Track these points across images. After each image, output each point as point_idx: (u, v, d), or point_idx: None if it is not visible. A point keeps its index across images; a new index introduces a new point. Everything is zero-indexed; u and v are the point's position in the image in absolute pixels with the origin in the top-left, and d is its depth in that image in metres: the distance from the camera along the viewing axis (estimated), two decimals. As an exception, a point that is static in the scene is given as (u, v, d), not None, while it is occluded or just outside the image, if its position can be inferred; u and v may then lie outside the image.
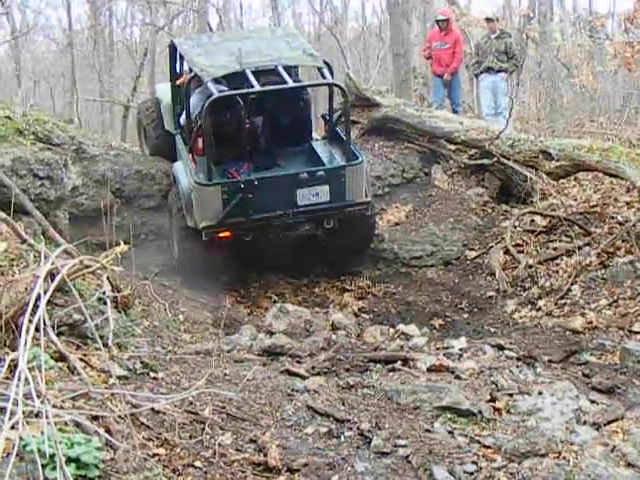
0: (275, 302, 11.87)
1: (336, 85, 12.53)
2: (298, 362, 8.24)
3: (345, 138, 12.16)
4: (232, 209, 11.42)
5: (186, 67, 13.29)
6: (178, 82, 13.50)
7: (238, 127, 12.29)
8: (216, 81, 11.94)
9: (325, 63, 12.50)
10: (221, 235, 11.76)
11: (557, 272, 11.74)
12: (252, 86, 11.54)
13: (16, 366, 4.73)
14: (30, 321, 5.18)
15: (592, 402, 7.31)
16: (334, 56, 33.31)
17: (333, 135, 12.93)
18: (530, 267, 12.08)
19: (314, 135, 13.47)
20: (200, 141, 11.90)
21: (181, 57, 13.41)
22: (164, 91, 14.73)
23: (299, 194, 11.76)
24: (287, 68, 12.20)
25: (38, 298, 5.52)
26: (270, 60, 12.07)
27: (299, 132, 13.12)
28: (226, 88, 12.19)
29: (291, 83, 11.85)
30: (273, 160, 12.74)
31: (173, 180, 12.85)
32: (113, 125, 33.88)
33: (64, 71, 38.15)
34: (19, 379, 4.53)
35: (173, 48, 13.68)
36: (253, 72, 11.76)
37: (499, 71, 17.86)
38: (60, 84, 40.66)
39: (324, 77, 12.40)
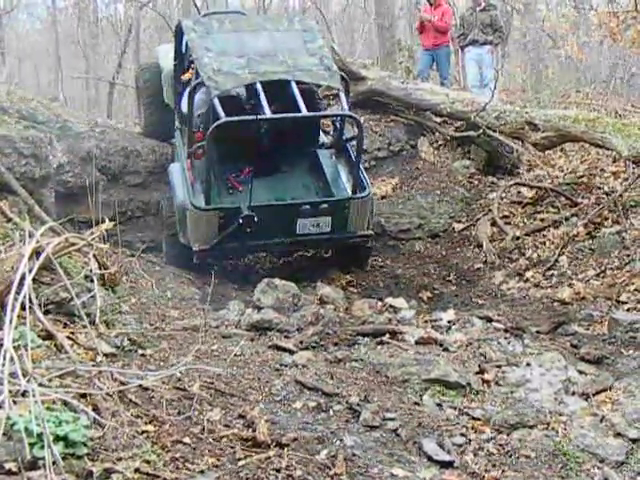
0: (263, 277, 11.85)
1: (351, 117, 11.49)
2: (286, 337, 8.24)
3: (355, 165, 11.38)
4: (228, 235, 10.89)
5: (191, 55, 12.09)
6: (184, 77, 12.64)
7: (241, 135, 11.29)
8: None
9: (342, 78, 11.62)
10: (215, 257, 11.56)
11: (544, 243, 11.78)
12: (261, 104, 10.64)
13: (1, 345, 4.71)
14: (16, 299, 5.16)
15: (580, 373, 7.34)
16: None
17: (341, 149, 12.22)
18: (517, 238, 12.11)
19: (321, 138, 12.65)
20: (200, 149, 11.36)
21: (187, 44, 12.21)
22: (166, 56, 13.73)
23: (299, 224, 11.19)
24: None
25: (24, 277, 5.50)
26: (284, 71, 11.15)
27: (306, 138, 12.28)
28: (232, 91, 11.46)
29: (304, 111, 10.82)
30: (275, 166, 12.03)
31: (168, 182, 12.14)
32: (98, 102, 33.74)
33: (48, 49, 38.01)
34: (5, 358, 4.52)
35: (180, 32, 12.48)
36: (263, 83, 10.92)
37: (484, 44, 17.85)
38: (45, 62, 40.52)
39: (340, 100, 11.53)
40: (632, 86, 23.15)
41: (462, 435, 6.06)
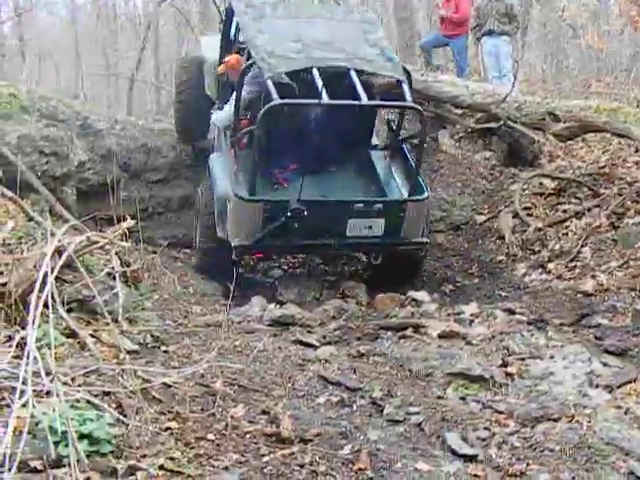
0: (285, 272, 11.85)
1: (415, 109, 10.65)
2: (309, 332, 8.26)
3: (414, 167, 10.74)
4: (272, 231, 10.03)
5: (241, 37, 11.71)
6: (220, 69, 11.92)
7: (291, 126, 10.75)
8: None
9: (405, 70, 10.89)
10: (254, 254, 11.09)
11: (567, 234, 11.71)
12: (319, 92, 9.75)
13: (26, 344, 4.73)
14: (39, 298, 5.18)
15: (604, 365, 7.29)
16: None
17: (396, 150, 11.55)
18: (540, 230, 12.04)
19: (373, 140, 12.05)
20: (246, 137, 10.77)
21: (237, 26, 11.76)
22: (210, 46, 13.11)
23: (350, 224, 10.29)
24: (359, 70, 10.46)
25: (46, 275, 5.52)
26: (343, 58, 10.36)
27: (357, 137, 11.54)
28: (286, 79, 10.58)
29: (365, 99, 9.98)
30: (323, 164, 11.12)
31: (207, 173, 11.44)
32: (118, 99, 33.84)
33: (68, 47, 38.11)
34: (28, 357, 4.54)
35: (230, 13, 11.92)
36: (320, 71, 10.06)
37: (501, 34, 17.71)
38: (65, 60, 40.61)
39: (402, 92, 10.46)
40: (653, 75, 23.01)
41: (486, 429, 6.03)
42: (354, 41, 10.76)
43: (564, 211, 12.39)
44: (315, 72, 10.00)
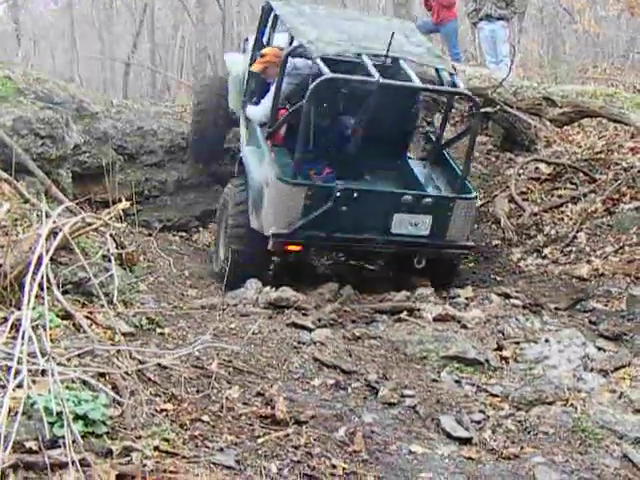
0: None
1: (468, 97, 10.36)
2: (304, 314, 8.26)
3: (462, 167, 10.29)
4: (314, 219, 9.28)
5: (277, 40, 11.26)
6: (255, 66, 10.94)
7: (330, 122, 10.22)
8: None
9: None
10: (290, 248, 9.78)
11: (562, 220, 11.73)
12: (369, 75, 9.23)
13: (21, 325, 4.73)
14: (33, 279, 5.17)
15: (599, 349, 7.33)
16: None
17: (437, 158, 10.98)
18: (535, 215, 12.05)
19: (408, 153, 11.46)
20: (283, 130, 10.18)
21: (275, 21, 11.15)
22: (235, 61, 12.60)
23: (395, 220, 9.62)
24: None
25: (41, 257, 5.51)
26: (391, 51, 9.66)
27: (395, 146, 11.03)
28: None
29: (418, 82, 9.67)
30: (359, 171, 10.59)
31: (238, 169, 10.82)
32: (114, 83, 33.78)
33: (64, 30, 38.02)
34: (23, 338, 4.54)
35: (268, 11, 11.21)
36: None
37: (499, 19, 17.61)
38: (60, 43, 40.53)
39: (454, 84, 10.10)
40: (650, 60, 23.01)
41: (480, 412, 6.07)
42: (399, 40, 10.06)
43: (560, 196, 12.40)
44: (365, 58, 9.57)
